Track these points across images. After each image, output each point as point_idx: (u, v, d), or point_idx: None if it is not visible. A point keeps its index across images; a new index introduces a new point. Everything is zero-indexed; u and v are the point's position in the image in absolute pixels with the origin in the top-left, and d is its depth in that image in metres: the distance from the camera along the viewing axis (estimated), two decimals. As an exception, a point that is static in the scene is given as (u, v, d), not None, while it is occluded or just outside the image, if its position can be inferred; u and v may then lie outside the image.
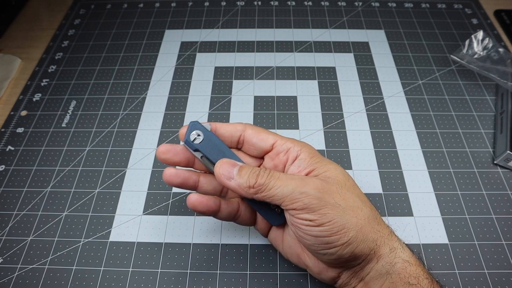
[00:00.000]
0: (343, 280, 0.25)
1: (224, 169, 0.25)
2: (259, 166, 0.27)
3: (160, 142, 0.39)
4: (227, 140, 0.27)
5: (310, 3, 0.55)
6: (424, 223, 0.34)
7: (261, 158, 0.28)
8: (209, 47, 0.49)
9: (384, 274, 0.23)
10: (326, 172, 0.25)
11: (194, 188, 0.27)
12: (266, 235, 0.29)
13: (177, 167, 0.27)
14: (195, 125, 0.26)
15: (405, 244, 0.25)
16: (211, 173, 0.26)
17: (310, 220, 0.23)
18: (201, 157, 0.26)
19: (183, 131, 0.26)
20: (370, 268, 0.24)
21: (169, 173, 0.26)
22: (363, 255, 0.23)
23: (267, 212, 0.26)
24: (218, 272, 0.31)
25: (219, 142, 0.26)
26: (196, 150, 0.26)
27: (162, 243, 0.33)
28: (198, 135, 0.26)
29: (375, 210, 0.25)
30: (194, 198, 0.25)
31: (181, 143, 0.27)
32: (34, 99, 0.44)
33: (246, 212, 0.27)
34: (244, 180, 0.24)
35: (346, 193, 0.24)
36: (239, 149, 0.28)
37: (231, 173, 0.24)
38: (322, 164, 0.25)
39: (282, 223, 0.27)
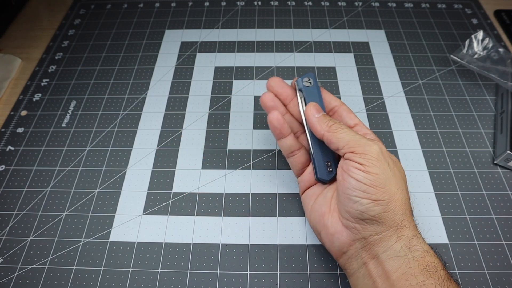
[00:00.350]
0: (354, 251, 0.25)
1: (314, 107, 0.29)
2: None
3: (160, 142, 0.39)
4: (325, 103, 0.32)
5: (310, 3, 0.55)
6: (424, 223, 0.34)
7: None
8: (209, 47, 0.49)
9: (402, 257, 0.23)
10: (390, 154, 0.28)
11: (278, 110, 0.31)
12: (302, 192, 0.32)
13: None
14: (311, 75, 0.32)
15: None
16: (299, 117, 0.32)
17: (362, 164, 0.25)
18: (301, 97, 0.31)
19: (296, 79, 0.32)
20: (388, 246, 0.24)
21: (268, 95, 0.31)
22: (386, 224, 0.24)
23: (321, 164, 0.30)
24: (218, 272, 0.31)
25: (319, 94, 0.31)
26: (300, 90, 0.31)
27: (162, 243, 0.33)
28: (310, 82, 0.31)
29: (410, 203, 0.26)
30: (275, 114, 0.29)
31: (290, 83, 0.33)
32: (34, 99, 0.44)
33: (301, 157, 0.31)
34: (324, 120, 0.28)
35: (397, 171, 0.26)
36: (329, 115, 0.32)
37: (318, 112, 0.29)
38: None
39: (326, 181, 0.30)
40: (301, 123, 0.32)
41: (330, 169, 0.30)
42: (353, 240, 0.25)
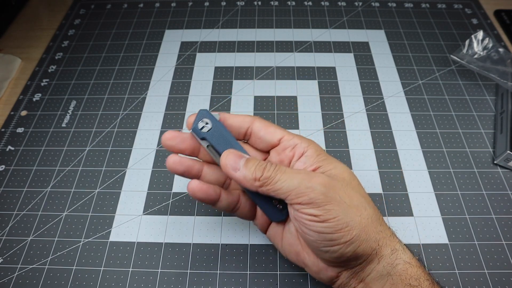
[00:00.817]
0: (342, 281, 0.25)
1: (231, 159, 0.24)
2: (264, 160, 0.27)
3: (160, 142, 0.39)
4: (234, 132, 0.27)
5: (310, 3, 0.55)
6: (424, 223, 0.34)
7: (267, 152, 0.28)
8: (209, 47, 0.49)
9: (385, 275, 0.23)
10: (331, 170, 0.25)
11: (197, 177, 0.27)
12: (265, 231, 0.28)
13: (180, 155, 0.27)
14: (204, 113, 0.26)
15: (406, 246, 0.25)
16: (216, 163, 0.26)
17: (315, 216, 0.23)
18: (207, 146, 0.26)
19: (191, 119, 0.26)
20: (371, 269, 0.24)
21: (173, 160, 0.26)
22: (365, 254, 0.23)
23: (268, 207, 0.26)
24: (218, 272, 0.31)
25: (226, 133, 0.26)
26: (203, 139, 0.26)
27: (162, 243, 0.33)
28: (207, 124, 0.26)
29: (378, 211, 0.25)
30: (194, 185, 0.25)
31: (186, 130, 0.26)
32: (34, 99, 0.44)
33: (246, 205, 0.27)
34: (250, 172, 0.24)
35: (351, 191, 0.24)
36: (246, 141, 0.28)
37: (237, 163, 0.24)
38: (328, 162, 0.25)
39: (282, 220, 0.27)
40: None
41: (280, 206, 0.26)
42: (339, 272, 0.25)
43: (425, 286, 0.23)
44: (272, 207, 0.26)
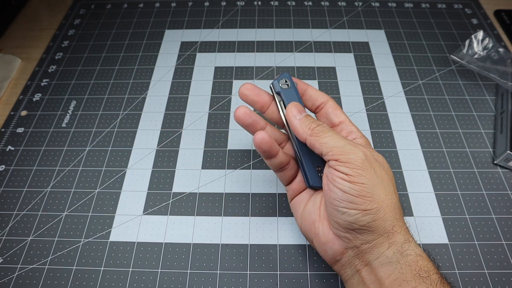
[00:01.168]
0: (347, 259, 0.25)
1: (295, 108, 0.27)
2: None
3: (160, 142, 0.39)
4: (311, 102, 0.30)
5: (310, 3, 0.55)
6: (424, 223, 0.34)
7: None
8: (209, 47, 0.49)
9: (394, 263, 0.23)
10: (373, 153, 0.27)
11: (260, 125, 0.29)
12: (292, 198, 0.30)
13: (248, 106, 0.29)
14: (286, 75, 0.29)
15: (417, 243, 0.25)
16: (280, 121, 0.29)
17: (347, 174, 0.24)
18: (279, 101, 0.29)
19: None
20: (380, 253, 0.24)
21: (244, 111, 0.28)
22: (377, 232, 0.24)
23: (310, 168, 0.28)
24: (218, 272, 0.31)
25: (298, 97, 0.29)
26: (278, 93, 0.29)
27: (162, 243, 0.33)
28: (286, 83, 0.29)
29: (400, 205, 0.26)
30: (262, 135, 0.26)
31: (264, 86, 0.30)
32: (34, 99, 0.44)
33: (291, 169, 0.29)
34: (307, 121, 0.27)
35: (385, 175, 0.25)
36: (316, 113, 0.31)
37: (299, 113, 0.27)
38: (372, 151, 0.27)
39: (318, 187, 0.28)
40: (284, 130, 0.31)
41: (321, 174, 0.28)
42: (346, 249, 0.25)
43: (435, 279, 0.23)
44: (314, 172, 0.28)
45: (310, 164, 0.28)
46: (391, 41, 0.49)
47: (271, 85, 0.29)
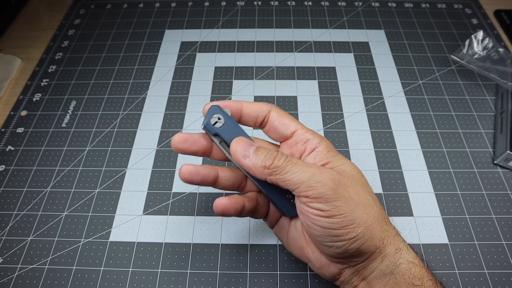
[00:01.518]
0: (345, 278, 0.25)
1: (241, 146, 0.24)
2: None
3: (160, 142, 0.39)
4: (252, 120, 0.27)
5: (310, 3, 0.55)
6: (424, 223, 0.34)
7: (278, 146, 0.28)
8: (209, 47, 0.49)
9: (388, 274, 0.23)
10: (341, 166, 0.25)
11: (213, 184, 0.27)
12: (272, 227, 0.29)
13: (191, 164, 0.26)
14: (215, 109, 0.25)
15: (409, 245, 0.25)
16: (229, 160, 0.26)
17: (322, 210, 0.22)
18: (220, 142, 0.25)
19: (207, 107, 0.26)
20: (374, 267, 0.24)
21: (189, 170, 0.25)
22: (368, 252, 0.23)
23: (280, 201, 0.26)
24: (218, 272, 0.31)
25: (239, 129, 0.25)
26: (215, 135, 0.25)
27: (162, 243, 0.33)
28: (219, 119, 0.25)
29: (384, 210, 0.25)
30: (222, 204, 0.25)
31: (187, 130, 0.26)
32: (34, 99, 0.44)
33: (262, 207, 0.27)
34: (260, 160, 0.23)
35: (359, 189, 0.24)
36: (262, 128, 0.28)
37: (247, 151, 0.24)
38: (337, 158, 0.25)
39: (295, 215, 0.26)
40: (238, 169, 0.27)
41: (293, 201, 0.26)
42: (342, 269, 0.25)
43: (428, 286, 0.23)
44: (284, 201, 0.26)
45: (278, 197, 0.26)
46: (391, 41, 0.49)
47: (203, 128, 0.25)
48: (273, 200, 0.26)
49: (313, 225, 0.23)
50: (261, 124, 0.27)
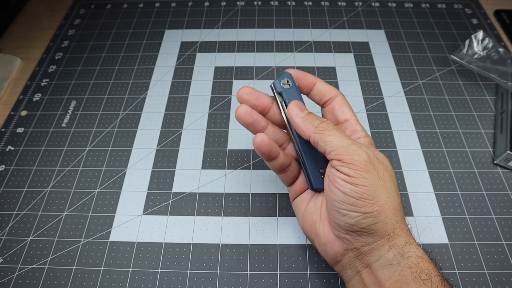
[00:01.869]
0: (347, 260, 0.25)
1: (297, 106, 0.27)
2: None
3: (160, 142, 0.39)
4: (319, 97, 0.30)
5: (310, 3, 0.55)
6: (424, 223, 0.34)
7: None
8: (209, 47, 0.49)
9: (394, 265, 0.23)
10: (378, 155, 0.26)
11: (260, 131, 0.29)
12: (294, 198, 0.30)
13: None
14: (287, 75, 0.29)
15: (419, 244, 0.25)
16: (282, 122, 0.29)
17: (349, 176, 0.24)
18: (281, 101, 0.28)
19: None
20: (380, 255, 0.24)
21: (245, 110, 0.28)
22: (377, 235, 0.24)
23: (313, 170, 0.28)
24: (218, 272, 0.31)
25: (300, 96, 0.29)
26: (279, 94, 0.28)
27: (162, 243, 0.33)
28: (287, 82, 0.28)
29: (402, 207, 0.26)
30: (261, 138, 0.26)
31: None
32: (34, 99, 0.44)
33: (293, 171, 0.29)
34: (310, 118, 0.26)
35: (388, 177, 0.25)
36: (324, 108, 0.30)
37: (302, 111, 0.27)
38: (376, 151, 0.27)
39: (319, 189, 0.28)
40: (286, 131, 0.30)
41: (324, 177, 0.28)
42: (346, 250, 0.25)
43: (436, 281, 0.23)
44: (318, 175, 0.28)
45: (313, 167, 0.28)
46: (391, 41, 0.49)
47: (272, 85, 0.29)
48: (307, 167, 0.28)
49: (335, 189, 0.24)
50: (324, 104, 0.30)
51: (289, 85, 0.28)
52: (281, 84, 0.28)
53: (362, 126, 0.29)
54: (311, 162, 0.28)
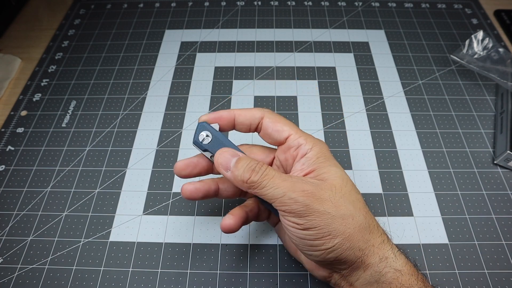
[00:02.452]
0: (335, 281, 0.26)
1: (223, 158, 0.25)
2: (273, 158, 0.28)
3: (160, 142, 0.39)
4: (246, 127, 0.27)
5: (310, 3, 0.55)
6: (424, 223, 0.34)
7: (275, 150, 0.29)
8: (209, 47, 0.49)
9: (373, 283, 0.23)
10: (324, 174, 0.25)
11: (215, 196, 0.28)
12: (274, 225, 0.30)
13: (191, 180, 0.28)
14: (203, 126, 0.26)
15: (401, 251, 0.24)
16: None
17: (297, 224, 0.23)
18: (211, 156, 0.27)
19: (205, 117, 0.27)
20: (359, 275, 0.24)
21: (190, 189, 0.27)
22: (348, 261, 0.23)
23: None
24: (218, 272, 0.31)
25: (226, 141, 0.26)
26: (205, 151, 0.27)
27: (162, 243, 0.33)
28: (207, 135, 0.26)
29: (371, 218, 0.24)
30: (228, 224, 0.26)
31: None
32: (34, 99, 0.44)
33: (264, 211, 0.29)
34: (239, 173, 0.24)
35: (339, 199, 0.23)
36: (258, 133, 0.28)
37: (229, 163, 0.25)
38: (324, 165, 0.25)
39: None
40: None
41: None
42: (331, 273, 0.26)
43: None
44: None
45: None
46: (391, 41, 0.49)
47: (194, 145, 0.27)
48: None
49: (291, 235, 0.24)
50: (256, 129, 0.28)
51: (210, 137, 0.26)
52: (201, 141, 0.26)
53: (305, 134, 0.27)
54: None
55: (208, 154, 0.27)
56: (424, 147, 0.39)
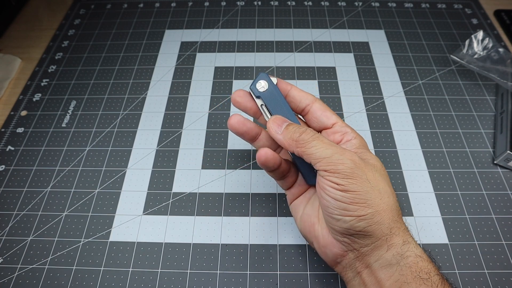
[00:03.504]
0: (348, 261, 0.25)
1: (275, 123, 0.27)
2: None
3: (160, 142, 0.39)
4: (294, 104, 0.29)
5: (310, 3, 0.55)
6: (424, 223, 0.34)
7: (319, 132, 0.30)
8: (209, 47, 0.49)
9: (394, 265, 0.23)
10: (366, 156, 0.26)
11: (253, 140, 0.30)
12: (291, 201, 0.30)
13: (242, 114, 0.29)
14: (263, 75, 0.28)
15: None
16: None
17: (337, 184, 0.24)
18: (261, 105, 0.28)
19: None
20: (379, 255, 0.24)
21: (237, 119, 0.28)
22: (374, 236, 0.23)
23: (307, 169, 0.28)
24: (218, 272, 0.31)
25: (280, 96, 0.28)
26: (258, 97, 0.28)
27: (162, 243, 0.33)
28: (264, 85, 0.28)
29: (398, 205, 0.25)
30: (264, 153, 0.26)
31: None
32: (34, 99, 0.44)
33: (292, 175, 0.29)
34: (289, 134, 0.26)
35: (379, 177, 0.25)
36: (304, 116, 0.30)
37: (280, 127, 0.27)
38: (366, 152, 0.27)
39: (314, 184, 0.28)
40: None
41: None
42: (346, 251, 0.25)
43: (435, 280, 0.23)
44: (311, 170, 0.28)
45: (306, 167, 0.28)
46: (391, 41, 0.49)
47: (249, 90, 0.29)
48: (301, 167, 0.28)
49: (326, 196, 0.24)
50: (302, 112, 0.30)
51: (266, 87, 0.28)
52: (258, 88, 0.28)
53: (351, 127, 0.29)
54: (303, 162, 0.27)
55: (259, 102, 0.28)
56: (424, 147, 0.39)
